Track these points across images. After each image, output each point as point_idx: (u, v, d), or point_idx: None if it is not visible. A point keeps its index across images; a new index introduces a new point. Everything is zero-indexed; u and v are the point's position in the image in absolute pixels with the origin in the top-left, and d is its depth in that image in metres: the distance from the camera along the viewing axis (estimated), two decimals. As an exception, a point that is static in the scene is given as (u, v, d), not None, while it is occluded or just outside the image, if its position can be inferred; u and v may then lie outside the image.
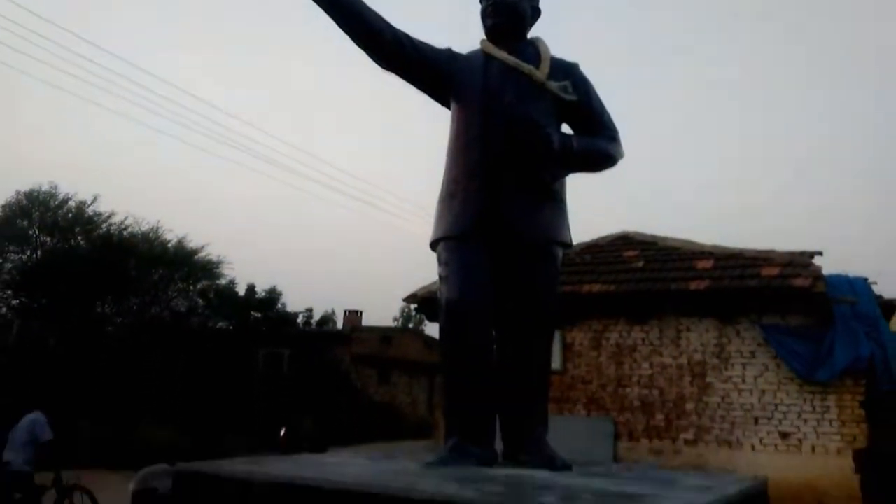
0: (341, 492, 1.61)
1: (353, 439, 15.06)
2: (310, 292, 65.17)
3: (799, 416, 8.65)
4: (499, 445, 2.24)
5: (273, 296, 24.90)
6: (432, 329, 35.50)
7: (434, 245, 2.32)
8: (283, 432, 11.79)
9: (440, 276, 2.26)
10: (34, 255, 18.92)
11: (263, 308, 24.28)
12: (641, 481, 2.01)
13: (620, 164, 2.40)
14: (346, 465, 1.97)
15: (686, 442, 9.18)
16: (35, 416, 6.68)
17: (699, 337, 9.38)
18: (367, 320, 26.18)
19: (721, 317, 9.23)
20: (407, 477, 1.71)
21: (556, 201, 2.30)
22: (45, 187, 19.38)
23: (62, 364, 14.36)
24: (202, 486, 1.86)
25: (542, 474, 1.96)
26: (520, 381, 2.21)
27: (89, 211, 19.89)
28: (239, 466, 1.87)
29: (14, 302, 19.00)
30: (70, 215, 19.58)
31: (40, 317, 17.84)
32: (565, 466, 2.07)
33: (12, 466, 6.28)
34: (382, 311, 60.91)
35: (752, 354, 9.03)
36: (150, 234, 21.20)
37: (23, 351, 15.47)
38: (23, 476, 6.30)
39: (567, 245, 2.35)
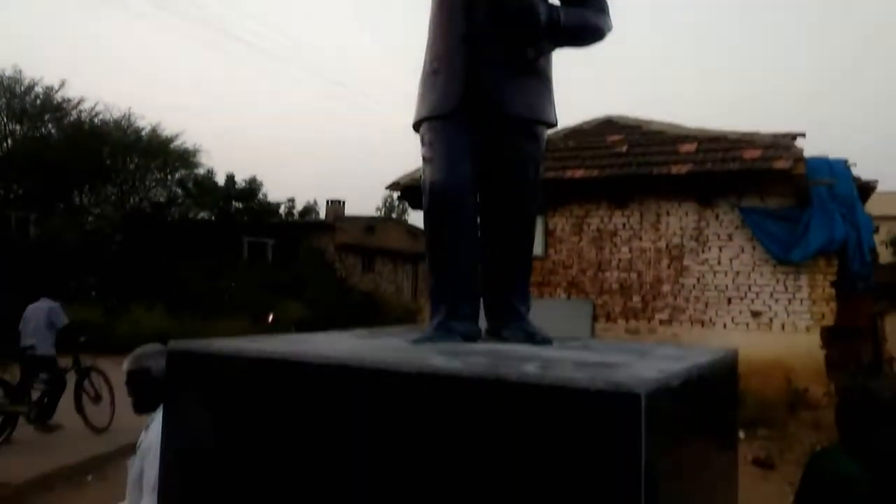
0: (332, 366, 1.66)
1: (338, 325, 15.44)
2: (291, 183, 64.54)
3: (771, 295, 8.98)
4: (482, 323, 2.31)
5: (253, 186, 24.67)
6: (416, 218, 35.65)
7: (417, 126, 2.26)
8: (270, 317, 12.09)
9: (423, 158, 2.23)
10: (4, 144, 18.42)
11: (244, 198, 24.10)
12: (618, 352, 2.10)
13: (608, 40, 2.32)
14: (335, 343, 2.02)
15: (661, 322, 9.55)
16: (51, 304, 7.01)
17: (678, 221, 9.52)
18: (350, 210, 26.16)
19: (701, 200, 9.34)
20: (395, 352, 1.77)
21: (542, 78, 2.23)
22: (8, 72, 18.57)
23: (45, 253, 14.33)
24: (195, 364, 1.90)
25: (523, 348, 2.03)
26: (503, 259, 2.24)
27: (57, 97, 19.23)
28: (231, 344, 1.91)
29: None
30: (38, 102, 18.91)
31: (17, 206, 17.61)
32: (545, 341, 2.14)
33: (37, 350, 6.64)
34: (365, 201, 60.89)
35: (730, 237, 9.22)
36: (122, 122, 20.67)
37: (3, 241, 15.38)
38: (48, 360, 6.70)
39: (552, 125, 2.31)
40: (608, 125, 11.19)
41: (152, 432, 2.35)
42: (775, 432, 7.29)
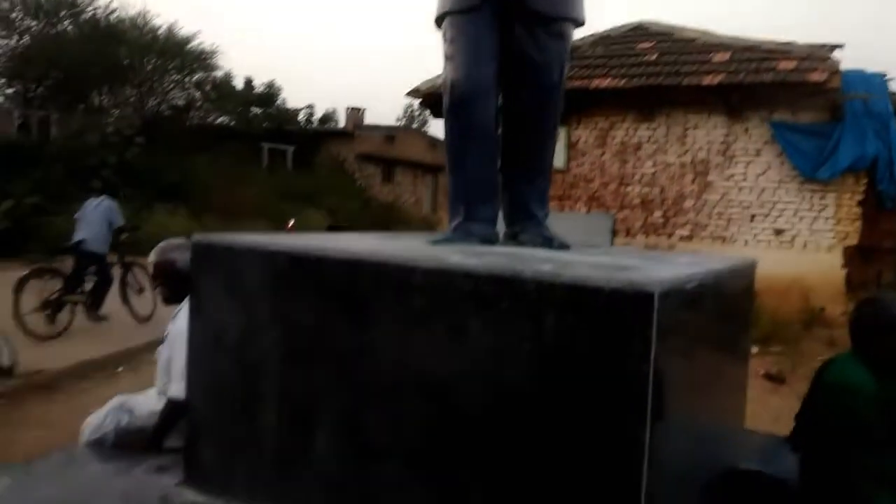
0: (351, 261, 1.70)
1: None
2: (310, 89, 63.48)
3: (795, 213, 8.86)
4: (500, 228, 2.31)
5: (272, 90, 24.38)
6: (437, 129, 35.03)
7: (439, 21, 2.19)
8: (290, 223, 12.22)
9: (445, 55, 2.17)
10: (21, 40, 18.18)
11: (263, 103, 23.87)
12: (634, 257, 2.11)
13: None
14: (355, 241, 2.04)
15: (681, 238, 9.50)
16: (110, 203, 7.33)
17: (706, 134, 9.30)
18: (370, 119, 25.78)
19: (731, 113, 9.08)
20: (413, 251, 1.78)
21: (571, -27, 2.13)
22: (20, -35, 18.12)
23: (68, 153, 14.43)
24: (218, 257, 1.95)
25: (541, 251, 2.04)
26: (523, 162, 2.22)
27: (73, -7, 18.81)
28: (254, 238, 1.95)
29: (9, 91, 18.67)
30: (53, -3, 18.51)
31: (38, 105, 17.62)
32: (563, 246, 2.15)
33: (89, 245, 6.96)
34: (386, 111, 59.66)
35: (758, 152, 9.02)
36: (138, 21, 20.28)
37: (27, 140, 15.48)
38: (98, 255, 7.08)
39: (580, 23, 2.23)
40: (638, 32, 10.75)
41: (179, 321, 2.44)
42: (789, 348, 7.37)
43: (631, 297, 1.35)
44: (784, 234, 8.91)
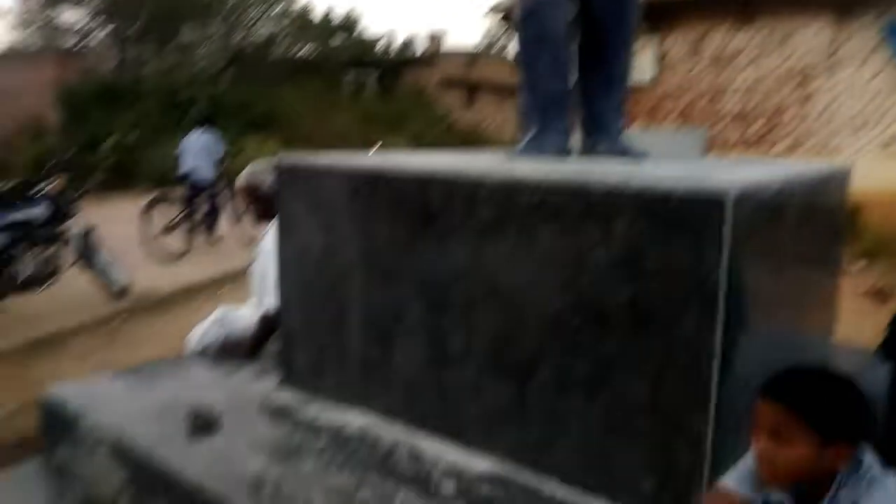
0: (423, 177, 1.75)
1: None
2: (390, 14, 62.51)
3: (908, 121, 8.17)
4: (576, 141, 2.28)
5: (351, 19, 24.25)
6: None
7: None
8: (376, 147, 12.37)
9: (517, -34, 2.11)
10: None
11: (343, 32, 23.84)
12: (715, 164, 2.04)
13: None
14: (428, 159, 2.09)
15: (781, 151, 8.98)
16: (212, 133, 7.92)
17: (809, 39, 8.60)
18: (452, 42, 25.25)
19: (838, 14, 8.33)
20: (483, 165, 1.80)
21: None
22: None
23: (160, 90, 15.04)
24: (301, 178, 2.04)
25: (615, 161, 2.01)
26: (600, 72, 2.16)
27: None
28: (333, 159, 2.02)
29: (106, 29, 19.46)
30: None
31: (132, 43, 18.31)
32: (640, 156, 2.11)
33: (197, 174, 7.59)
34: (467, 33, 57.88)
35: (867, 57, 8.28)
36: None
37: (124, 78, 16.22)
38: (208, 183, 7.70)
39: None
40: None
41: (269, 238, 2.59)
42: (895, 264, 6.96)
43: (702, 203, 1.33)
44: (894, 145, 8.25)
